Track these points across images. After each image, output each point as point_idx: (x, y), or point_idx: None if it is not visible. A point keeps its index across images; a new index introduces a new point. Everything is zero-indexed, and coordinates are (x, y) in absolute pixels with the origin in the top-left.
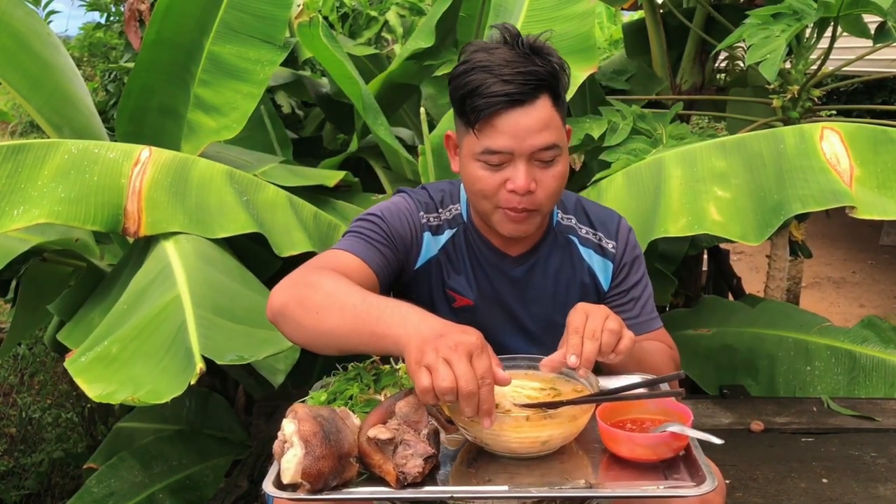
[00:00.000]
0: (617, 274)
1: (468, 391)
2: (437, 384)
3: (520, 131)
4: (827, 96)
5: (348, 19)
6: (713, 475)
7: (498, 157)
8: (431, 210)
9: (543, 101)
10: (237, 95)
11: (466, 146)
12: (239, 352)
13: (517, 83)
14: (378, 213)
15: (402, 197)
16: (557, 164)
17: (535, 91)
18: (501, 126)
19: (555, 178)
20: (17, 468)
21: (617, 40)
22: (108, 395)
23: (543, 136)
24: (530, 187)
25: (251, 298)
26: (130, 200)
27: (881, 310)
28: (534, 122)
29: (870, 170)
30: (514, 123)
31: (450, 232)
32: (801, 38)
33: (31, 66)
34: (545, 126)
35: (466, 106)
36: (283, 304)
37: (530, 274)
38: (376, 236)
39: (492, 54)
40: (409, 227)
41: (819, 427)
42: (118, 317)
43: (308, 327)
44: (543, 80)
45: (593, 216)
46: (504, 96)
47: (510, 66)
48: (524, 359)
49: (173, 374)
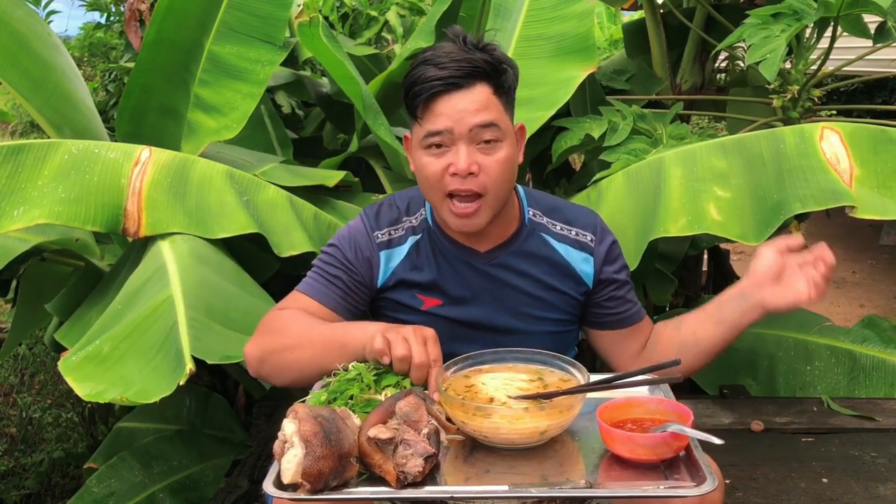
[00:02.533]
0: (603, 268)
1: (420, 362)
2: (394, 350)
3: (456, 112)
4: (827, 96)
5: (348, 19)
6: (713, 475)
7: (439, 138)
8: (392, 223)
9: (481, 87)
10: (237, 95)
11: (414, 138)
12: (230, 352)
13: (452, 69)
14: (336, 243)
15: (358, 220)
16: (500, 149)
17: (471, 76)
18: (439, 109)
19: (498, 163)
20: (17, 468)
21: (617, 40)
22: (97, 393)
23: (481, 115)
24: (471, 168)
25: (247, 300)
26: (130, 201)
27: (881, 310)
28: (470, 104)
29: (870, 169)
30: (451, 106)
31: (413, 238)
32: (801, 38)
33: (31, 66)
34: (483, 107)
35: (408, 97)
36: (260, 358)
37: (501, 269)
38: (335, 269)
39: (436, 50)
40: (364, 253)
41: (819, 427)
42: (112, 316)
43: (289, 368)
44: (479, 67)
45: (567, 213)
46: (439, 80)
47: (448, 57)
48: (508, 352)
49: (163, 375)
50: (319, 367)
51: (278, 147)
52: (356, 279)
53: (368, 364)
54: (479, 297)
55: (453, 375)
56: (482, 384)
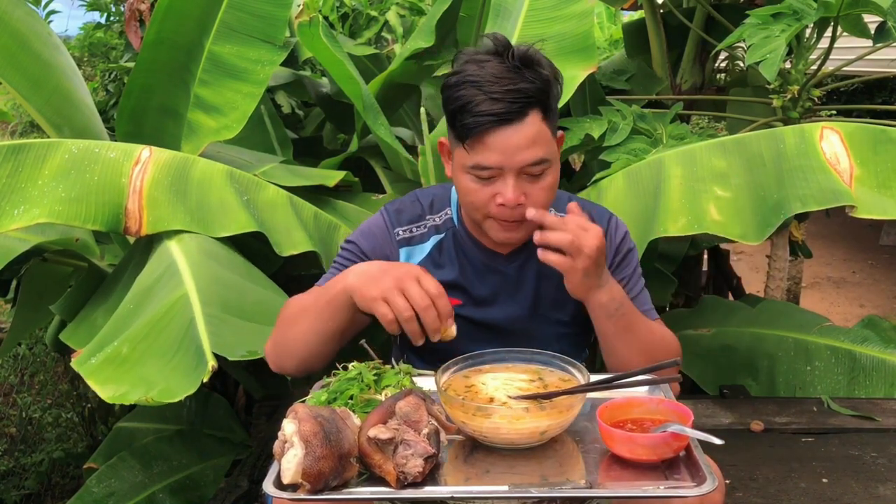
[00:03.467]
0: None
1: (424, 306)
2: (399, 313)
3: (508, 149)
4: (827, 96)
5: (348, 19)
6: (713, 475)
7: (487, 173)
8: (414, 220)
9: (533, 118)
10: (237, 95)
11: (458, 158)
12: (249, 347)
13: (506, 101)
14: (355, 239)
15: (379, 216)
16: (547, 177)
17: (524, 108)
18: (490, 143)
19: (543, 190)
20: (17, 468)
21: (617, 40)
22: (121, 395)
23: (532, 153)
24: (519, 200)
25: (259, 293)
26: (131, 200)
27: (881, 310)
28: (522, 140)
29: (870, 169)
30: (504, 141)
31: (437, 237)
32: (801, 38)
33: (32, 66)
34: (534, 142)
35: (457, 121)
36: (274, 351)
37: (522, 270)
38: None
39: (482, 67)
40: (383, 249)
41: (819, 427)
42: (125, 317)
43: (295, 346)
44: (532, 96)
45: (586, 213)
46: (492, 116)
47: (499, 84)
48: (508, 352)
49: (185, 373)
50: (318, 332)
51: (278, 147)
52: None
53: (368, 364)
54: (499, 299)
55: (453, 375)
56: (482, 384)
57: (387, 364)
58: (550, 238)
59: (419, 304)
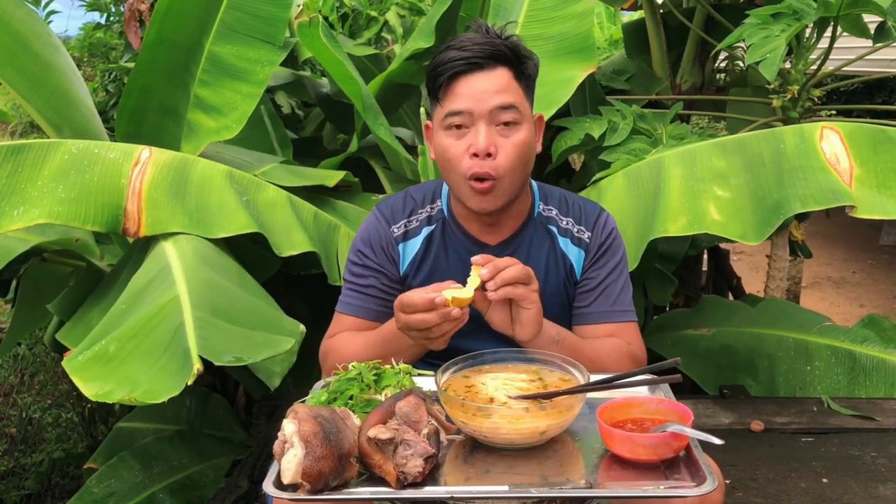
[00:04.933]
0: (589, 262)
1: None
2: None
3: (477, 92)
4: (827, 96)
5: (348, 19)
6: (713, 475)
7: (459, 118)
8: (407, 215)
9: (502, 70)
10: (237, 95)
11: (435, 120)
12: (236, 353)
13: (474, 51)
14: (358, 250)
15: (372, 218)
16: (519, 132)
17: (492, 59)
18: (460, 89)
19: (515, 146)
20: (17, 468)
21: (617, 40)
22: (104, 394)
23: (501, 97)
24: (489, 149)
25: (249, 300)
26: (130, 200)
27: (881, 310)
28: (490, 85)
29: (869, 169)
30: (472, 86)
31: (428, 228)
32: (800, 38)
33: (31, 66)
34: (503, 89)
35: (431, 79)
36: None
37: None
38: (364, 279)
39: (460, 38)
40: (386, 250)
41: (819, 427)
42: (116, 316)
43: None
44: (500, 51)
45: (575, 207)
46: (461, 60)
47: (471, 41)
48: (508, 352)
49: (170, 374)
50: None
51: (278, 147)
52: (386, 280)
53: (368, 364)
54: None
55: (453, 375)
56: (482, 384)
57: (387, 364)
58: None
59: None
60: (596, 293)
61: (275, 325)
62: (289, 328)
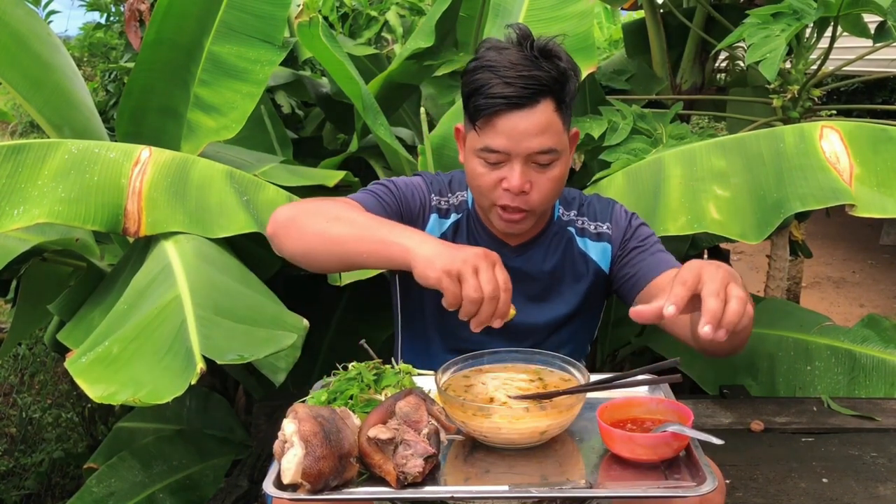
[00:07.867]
0: (618, 247)
1: (493, 296)
2: (467, 293)
3: (517, 133)
4: (827, 96)
5: (348, 19)
6: (713, 475)
7: (495, 156)
8: (444, 193)
9: (544, 106)
10: (237, 95)
11: (469, 141)
12: (239, 351)
13: (518, 86)
14: (393, 182)
15: (418, 176)
16: (555, 168)
17: (536, 95)
18: (500, 127)
19: (550, 181)
20: (17, 468)
21: (617, 40)
22: (109, 395)
23: (540, 140)
24: (524, 188)
25: (252, 298)
26: (130, 200)
27: (881, 310)
28: (532, 126)
29: (869, 168)
30: (513, 125)
31: (455, 216)
32: (801, 38)
33: (31, 66)
34: (543, 130)
35: (470, 104)
36: (292, 216)
37: (527, 264)
38: (388, 199)
39: (500, 54)
40: (419, 202)
41: (819, 427)
42: (118, 317)
43: (314, 233)
44: (546, 85)
45: (592, 208)
46: (503, 98)
47: (514, 69)
48: (508, 352)
49: (174, 375)
50: (344, 249)
51: (278, 147)
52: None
53: (368, 364)
54: None
55: (453, 375)
56: (482, 384)
57: (386, 364)
58: (731, 318)
59: (489, 295)
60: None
61: (277, 321)
62: (292, 323)
